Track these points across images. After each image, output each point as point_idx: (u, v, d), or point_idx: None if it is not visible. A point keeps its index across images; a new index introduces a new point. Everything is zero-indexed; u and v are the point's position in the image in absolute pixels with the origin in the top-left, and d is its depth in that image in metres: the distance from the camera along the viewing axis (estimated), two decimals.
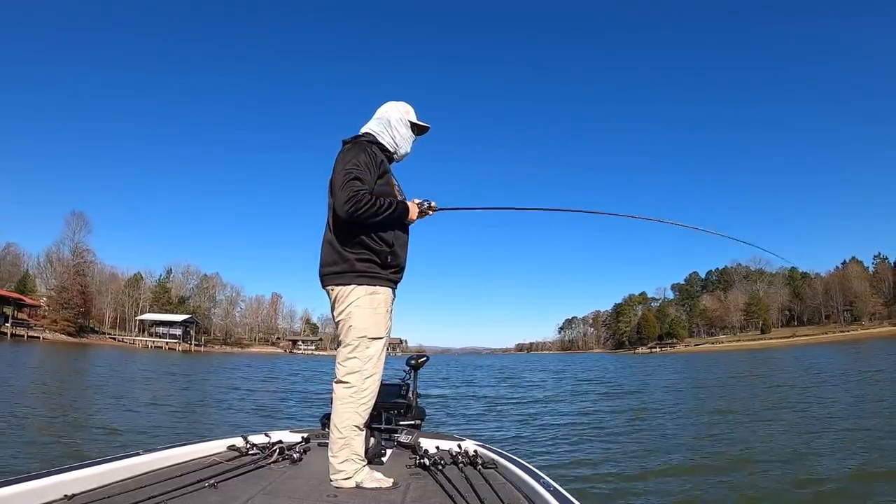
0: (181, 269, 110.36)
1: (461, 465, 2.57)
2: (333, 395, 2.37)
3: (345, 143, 2.52)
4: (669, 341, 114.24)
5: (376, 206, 2.31)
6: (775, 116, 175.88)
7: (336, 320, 2.44)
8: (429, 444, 3.03)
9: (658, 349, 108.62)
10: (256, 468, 2.44)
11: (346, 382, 2.34)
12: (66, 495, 1.79)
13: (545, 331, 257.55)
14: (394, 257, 2.45)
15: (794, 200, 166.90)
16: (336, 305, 2.42)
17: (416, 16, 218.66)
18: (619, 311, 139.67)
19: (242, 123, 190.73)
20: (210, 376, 25.85)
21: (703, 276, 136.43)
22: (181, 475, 2.18)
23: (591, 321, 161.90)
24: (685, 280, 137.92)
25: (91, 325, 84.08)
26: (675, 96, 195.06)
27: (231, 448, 2.79)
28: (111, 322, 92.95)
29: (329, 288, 2.44)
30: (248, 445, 2.79)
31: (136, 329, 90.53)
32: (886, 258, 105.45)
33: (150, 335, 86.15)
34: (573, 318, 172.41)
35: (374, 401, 2.40)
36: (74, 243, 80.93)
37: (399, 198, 2.53)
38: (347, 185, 2.29)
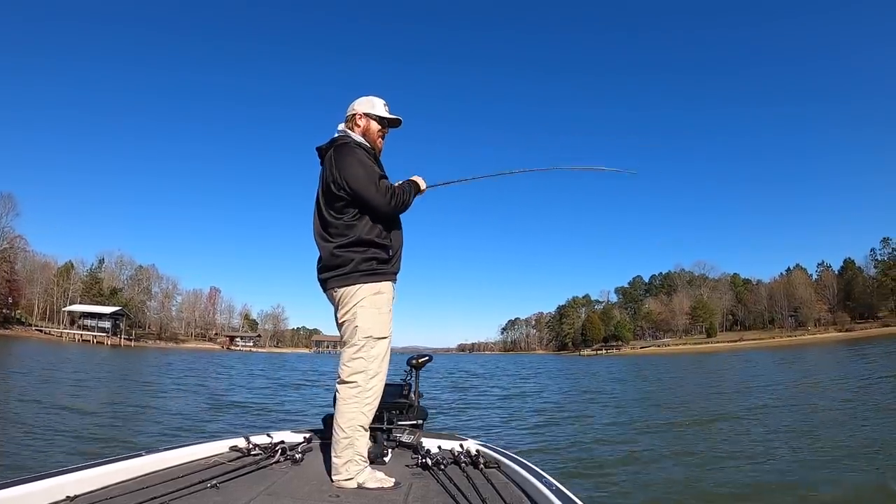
0: (114, 259, 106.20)
1: (463, 464, 2.56)
2: (337, 394, 2.40)
3: (334, 147, 2.54)
4: (615, 343, 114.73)
5: (405, 195, 2.54)
6: (723, 121, 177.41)
7: (340, 321, 2.47)
8: (431, 444, 3.04)
9: (604, 351, 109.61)
10: (258, 469, 2.45)
11: (352, 382, 2.36)
12: (68, 496, 1.80)
13: (487, 331, 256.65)
14: (394, 249, 2.53)
15: (738, 208, 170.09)
16: (340, 307, 2.46)
17: (406, 16, 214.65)
18: (562, 312, 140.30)
19: (186, 111, 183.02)
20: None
21: (646, 279, 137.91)
22: (183, 476, 2.19)
23: (533, 322, 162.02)
24: (629, 283, 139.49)
25: (18, 317, 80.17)
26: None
27: (233, 448, 2.78)
28: (41, 313, 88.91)
29: (332, 290, 2.48)
30: (250, 446, 2.77)
31: (66, 321, 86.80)
32: (830, 266, 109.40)
33: (79, 328, 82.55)
34: (516, 319, 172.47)
35: (378, 401, 2.43)
36: (1, 227, 77.01)
37: None
38: (381, 186, 2.43)
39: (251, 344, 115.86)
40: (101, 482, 2.02)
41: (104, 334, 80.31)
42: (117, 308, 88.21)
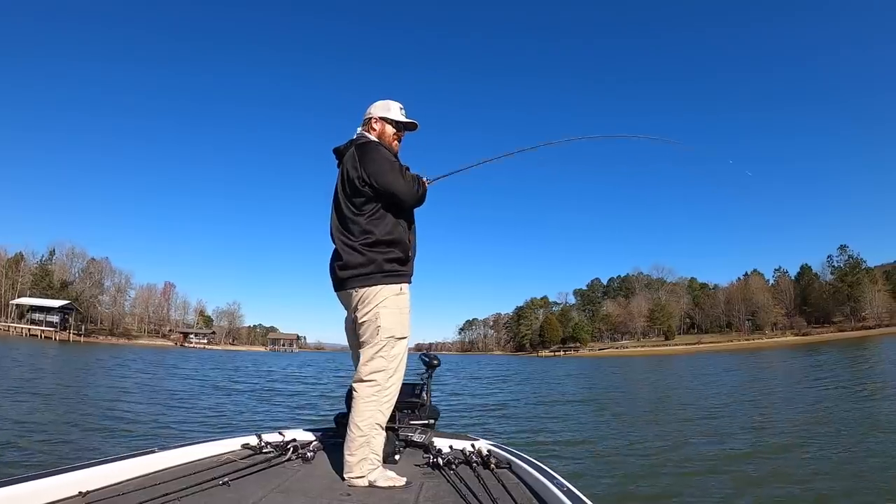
0: (65, 251, 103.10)
1: (474, 464, 2.56)
2: (355, 393, 2.40)
3: (356, 145, 2.58)
4: (573, 345, 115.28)
5: (426, 185, 2.62)
6: (686, 125, 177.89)
7: (360, 321, 2.46)
8: (442, 444, 3.03)
9: (562, 353, 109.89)
10: (270, 466, 2.46)
11: (371, 381, 2.38)
12: (80, 492, 1.83)
13: (445, 331, 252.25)
14: (413, 249, 2.57)
15: (695, 213, 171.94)
16: (360, 307, 2.46)
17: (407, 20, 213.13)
18: (520, 314, 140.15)
19: (152, 106, 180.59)
20: None
21: (604, 282, 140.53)
22: (195, 473, 2.21)
23: (491, 323, 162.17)
24: (587, 286, 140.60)
25: None
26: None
27: (245, 446, 2.79)
28: None
29: (352, 290, 2.47)
30: (262, 444, 2.77)
31: (14, 315, 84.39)
32: (787, 272, 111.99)
33: (28, 322, 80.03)
34: (473, 319, 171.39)
35: (395, 400, 2.45)
36: None
37: None
38: (407, 176, 2.50)
39: (205, 341, 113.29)
40: (113, 478, 2.04)
41: (53, 329, 77.75)
42: (66, 302, 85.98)
